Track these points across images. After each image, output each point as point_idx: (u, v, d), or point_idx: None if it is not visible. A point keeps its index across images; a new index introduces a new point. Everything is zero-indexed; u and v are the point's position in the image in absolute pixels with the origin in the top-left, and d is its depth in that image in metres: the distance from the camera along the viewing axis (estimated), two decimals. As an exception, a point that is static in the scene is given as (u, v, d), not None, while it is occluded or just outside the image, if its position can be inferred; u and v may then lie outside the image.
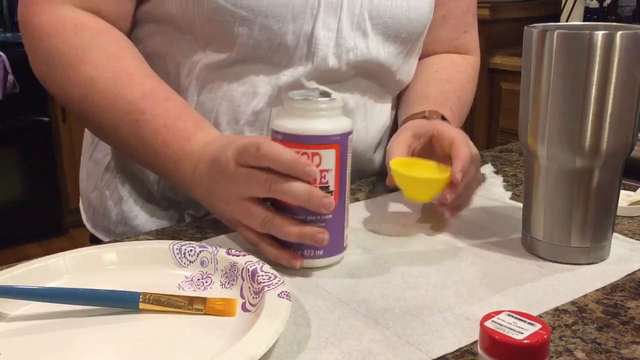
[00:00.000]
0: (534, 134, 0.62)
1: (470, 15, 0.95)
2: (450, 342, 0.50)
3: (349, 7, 0.76)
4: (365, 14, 0.78)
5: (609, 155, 0.60)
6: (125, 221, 0.86)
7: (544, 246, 0.64)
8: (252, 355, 0.44)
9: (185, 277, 0.60)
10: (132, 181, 0.85)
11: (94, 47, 0.72)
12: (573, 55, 0.57)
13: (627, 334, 0.51)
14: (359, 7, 0.77)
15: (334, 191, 0.60)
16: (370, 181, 0.89)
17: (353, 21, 0.77)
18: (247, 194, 0.61)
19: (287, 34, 0.74)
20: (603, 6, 2.43)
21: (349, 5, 0.76)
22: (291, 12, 0.73)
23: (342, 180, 0.61)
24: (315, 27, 0.75)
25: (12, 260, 0.67)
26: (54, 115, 3.03)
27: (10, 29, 3.26)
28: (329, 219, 0.61)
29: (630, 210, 0.75)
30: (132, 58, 0.73)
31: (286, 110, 0.61)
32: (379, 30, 0.80)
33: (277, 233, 0.61)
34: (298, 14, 0.74)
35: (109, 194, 0.86)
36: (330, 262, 0.63)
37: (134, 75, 0.71)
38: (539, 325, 0.39)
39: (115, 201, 0.86)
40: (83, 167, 0.92)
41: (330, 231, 0.61)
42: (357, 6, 0.77)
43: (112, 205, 0.86)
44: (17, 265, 0.58)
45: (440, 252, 0.67)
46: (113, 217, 0.86)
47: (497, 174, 0.92)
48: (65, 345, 0.50)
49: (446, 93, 0.87)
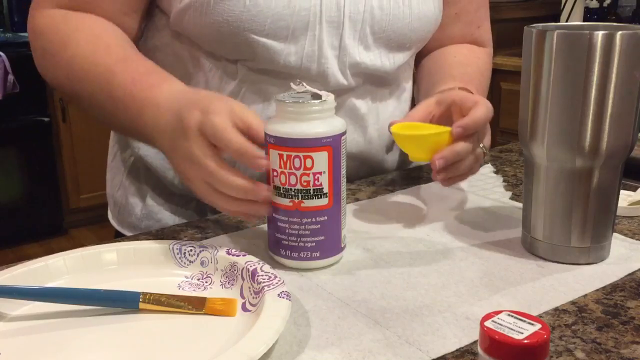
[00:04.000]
0: (534, 134, 0.62)
1: (483, 9, 0.96)
2: (450, 342, 0.50)
3: (351, 24, 0.77)
4: (367, 29, 0.78)
5: (609, 155, 0.60)
6: (150, 215, 0.88)
7: (544, 246, 0.64)
8: (252, 355, 0.44)
9: (185, 277, 0.60)
10: (154, 179, 0.87)
11: (78, 29, 0.74)
12: (573, 55, 0.57)
13: (627, 334, 0.51)
14: (360, 23, 0.78)
15: (328, 193, 0.60)
16: (371, 181, 0.89)
17: (355, 37, 0.78)
18: (201, 161, 0.61)
19: (290, 55, 0.76)
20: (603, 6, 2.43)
21: (350, 22, 0.77)
22: (292, 34, 0.74)
23: (337, 181, 0.61)
24: (321, 47, 0.76)
25: (12, 260, 0.67)
26: (54, 115, 3.03)
27: (10, 29, 3.25)
28: (324, 221, 0.61)
29: (630, 210, 0.75)
30: (114, 37, 0.75)
31: (277, 113, 0.60)
32: (382, 44, 0.80)
33: (221, 183, 0.60)
34: (299, 36, 0.75)
35: (134, 191, 0.89)
36: (328, 263, 0.63)
37: (111, 47, 0.73)
38: (539, 325, 0.39)
39: (139, 198, 0.88)
40: (109, 168, 0.95)
41: (326, 233, 0.61)
42: (358, 22, 0.77)
43: (137, 202, 0.88)
44: (17, 265, 0.58)
45: (440, 252, 0.67)
46: (138, 213, 0.88)
47: (497, 174, 0.92)
48: (65, 345, 0.50)
49: (470, 75, 0.87)
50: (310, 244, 0.61)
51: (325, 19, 0.75)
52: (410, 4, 0.80)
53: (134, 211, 0.89)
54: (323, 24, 0.75)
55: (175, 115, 0.63)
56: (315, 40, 0.76)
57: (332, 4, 0.75)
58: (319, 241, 0.61)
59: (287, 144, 0.58)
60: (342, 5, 0.76)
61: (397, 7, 0.79)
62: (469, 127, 0.65)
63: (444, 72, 0.86)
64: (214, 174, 0.60)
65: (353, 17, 0.77)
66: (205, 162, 0.60)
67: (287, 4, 0.73)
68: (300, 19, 0.74)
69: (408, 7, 0.80)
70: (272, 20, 0.73)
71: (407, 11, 0.80)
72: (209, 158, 0.60)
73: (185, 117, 0.62)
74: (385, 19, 0.78)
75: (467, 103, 0.69)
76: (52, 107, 3.02)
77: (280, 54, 0.75)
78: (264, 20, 0.72)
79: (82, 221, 3.21)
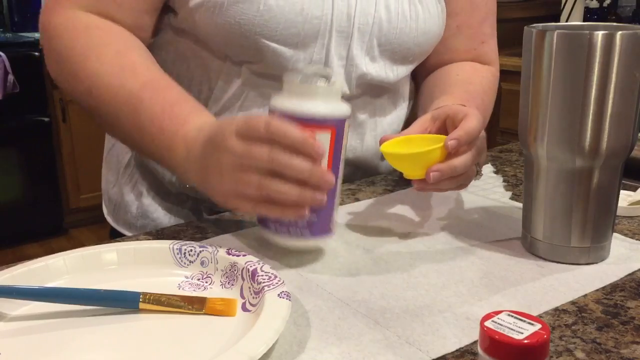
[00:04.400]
0: (534, 134, 0.62)
1: (487, 26, 0.94)
2: (450, 342, 0.50)
3: (359, 35, 0.78)
4: (374, 40, 0.79)
5: (609, 155, 0.60)
6: (145, 214, 0.88)
7: (544, 246, 0.64)
8: (252, 355, 0.44)
9: (185, 277, 0.60)
10: (150, 177, 0.87)
11: (101, 44, 0.72)
12: (573, 55, 0.57)
13: (627, 334, 0.51)
14: (368, 35, 0.79)
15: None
16: (371, 181, 0.89)
17: (363, 48, 0.79)
18: (244, 166, 0.58)
19: (298, 62, 0.76)
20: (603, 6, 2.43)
21: (359, 34, 0.78)
22: (302, 41, 0.75)
23: (335, 164, 0.61)
24: (328, 56, 0.77)
25: (12, 260, 0.67)
26: (54, 115, 3.03)
27: (10, 29, 3.25)
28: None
29: (630, 210, 0.75)
30: (139, 55, 0.74)
31: (285, 90, 0.61)
32: (386, 56, 0.81)
33: (276, 191, 0.57)
34: (309, 43, 0.76)
35: (129, 189, 0.88)
36: (316, 244, 0.62)
37: (137, 68, 0.72)
38: (539, 325, 0.39)
39: (135, 196, 0.88)
40: (104, 161, 0.94)
41: (318, 212, 0.60)
42: (367, 34, 0.78)
43: (133, 200, 0.88)
44: (17, 265, 0.58)
45: (440, 252, 0.67)
46: (134, 212, 0.88)
47: (497, 174, 0.92)
48: (65, 345, 0.50)
49: (471, 93, 0.85)
50: (301, 221, 0.61)
51: (335, 29, 0.76)
52: (417, 19, 0.81)
53: (129, 209, 0.88)
54: (333, 33, 0.76)
55: (208, 140, 0.62)
56: (324, 48, 0.77)
57: (343, 14, 0.76)
58: (309, 219, 0.60)
59: (291, 120, 0.58)
60: (353, 16, 0.77)
61: (404, 21, 0.80)
62: (462, 138, 0.64)
63: (445, 90, 0.86)
64: (275, 159, 0.56)
65: (362, 29, 0.78)
66: (254, 153, 0.57)
67: (300, 12, 0.73)
68: (312, 27, 0.75)
69: (415, 22, 0.81)
70: (285, 26, 0.73)
71: (413, 25, 0.81)
72: (257, 148, 0.57)
73: (219, 134, 0.60)
74: (392, 32, 0.80)
75: (459, 115, 0.68)
76: (52, 107, 3.02)
77: (289, 60, 0.75)
78: (276, 26, 0.73)
79: (82, 221, 3.21)
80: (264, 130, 0.57)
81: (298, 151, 0.56)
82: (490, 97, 0.91)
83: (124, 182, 0.89)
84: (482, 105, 0.85)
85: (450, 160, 0.64)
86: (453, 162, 0.64)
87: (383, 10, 0.78)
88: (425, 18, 0.82)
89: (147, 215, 0.87)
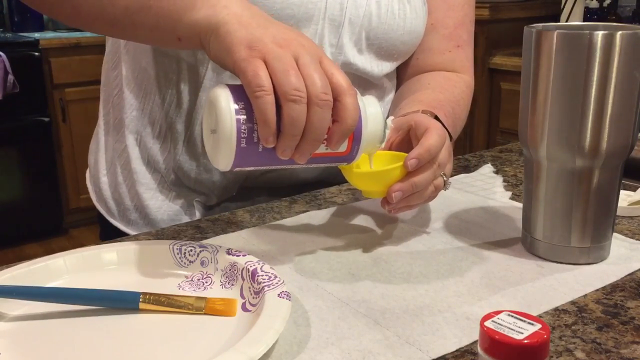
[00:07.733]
0: (534, 134, 0.62)
1: (464, 30, 0.92)
2: (450, 342, 0.50)
3: (350, 26, 0.79)
4: (362, 33, 0.81)
5: (609, 155, 0.60)
6: (138, 208, 0.88)
7: (544, 246, 0.64)
8: (252, 355, 0.44)
9: (185, 277, 0.60)
10: (143, 169, 0.87)
11: None
12: (573, 55, 0.57)
13: (627, 334, 0.51)
14: (358, 27, 0.80)
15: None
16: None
17: (352, 39, 0.80)
18: (289, 49, 0.53)
19: None
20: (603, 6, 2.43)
21: (349, 24, 0.79)
22: (296, 24, 0.76)
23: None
24: (321, 42, 0.78)
25: (12, 260, 0.67)
26: (54, 115, 3.03)
27: (10, 29, 3.25)
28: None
29: (630, 210, 0.75)
30: None
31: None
32: (372, 50, 0.83)
33: (294, 89, 0.51)
34: (302, 28, 0.76)
35: (122, 180, 0.88)
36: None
37: None
38: (539, 325, 0.39)
39: (128, 187, 0.88)
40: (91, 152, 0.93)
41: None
42: (356, 26, 0.80)
43: (126, 192, 0.88)
44: (17, 265, 0.58)
45: (440, 252, 0.67)
46: (127, 204, 0.88)
47: (497, 174, 0.92)
48: (65, 345, 0.50)
49: (440, 101, 0.83)
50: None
51: (328, 16, 0.78)
52: (405, 18, 0.82)
53: (122, 201, 0.88)
54: (326, 20, 0.78)
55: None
56: (317, 35, 0.78)
57: (336, 3, 0.78)
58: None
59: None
60: (345, 7, 0.78)
61: (392, 18, 0.81)
62: (423, 156, 0.62)
63: (414, 97, 0.84)
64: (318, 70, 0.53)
65: (352, 20, 0.79)
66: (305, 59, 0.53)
67: None
68: (306, 11, 0.76)
69: (402, 20, 0.82)
70: (281, 7, 0.74)
71: (400, 24, 0.82)
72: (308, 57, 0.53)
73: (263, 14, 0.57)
74: (380, 28, 0.81)
75: (420, 129, 0.66)
76: (52, 107, 3.02)
77: None
78: (272, 5, 0.73)
79: (82, 221, 3.20)
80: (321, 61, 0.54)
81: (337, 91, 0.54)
82: (463, 107, 0.88)
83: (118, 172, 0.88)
84: (452, 114, 0.82)
85: (411, 178, 0.62)
86: (414, 179, 0.62)
87: (374, 4, 0.80)
88: (412, 18, 0.83)
89: (141, 210, 0.87)
